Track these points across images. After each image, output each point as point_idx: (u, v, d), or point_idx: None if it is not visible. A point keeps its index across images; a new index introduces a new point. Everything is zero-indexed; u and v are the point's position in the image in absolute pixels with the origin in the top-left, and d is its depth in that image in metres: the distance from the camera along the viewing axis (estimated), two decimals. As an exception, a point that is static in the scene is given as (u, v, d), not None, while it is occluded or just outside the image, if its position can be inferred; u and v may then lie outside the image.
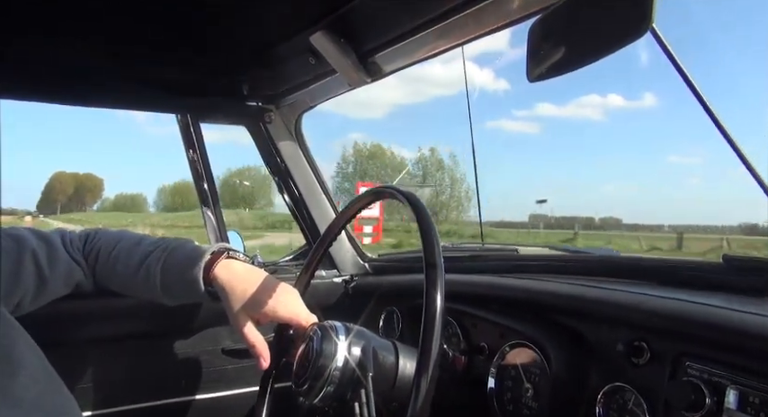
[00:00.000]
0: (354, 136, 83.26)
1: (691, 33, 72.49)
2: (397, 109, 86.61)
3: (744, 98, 71.14)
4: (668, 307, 0.83)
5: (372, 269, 1.61)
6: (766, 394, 0.66)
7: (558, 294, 1.01)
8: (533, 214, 11.38)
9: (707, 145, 61.13)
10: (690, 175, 67.69)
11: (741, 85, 75.42)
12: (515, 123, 68.10)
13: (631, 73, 79.04)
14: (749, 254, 0.95)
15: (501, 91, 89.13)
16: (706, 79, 14.18)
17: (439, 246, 0.77)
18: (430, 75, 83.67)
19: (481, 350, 1.13)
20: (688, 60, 0.68)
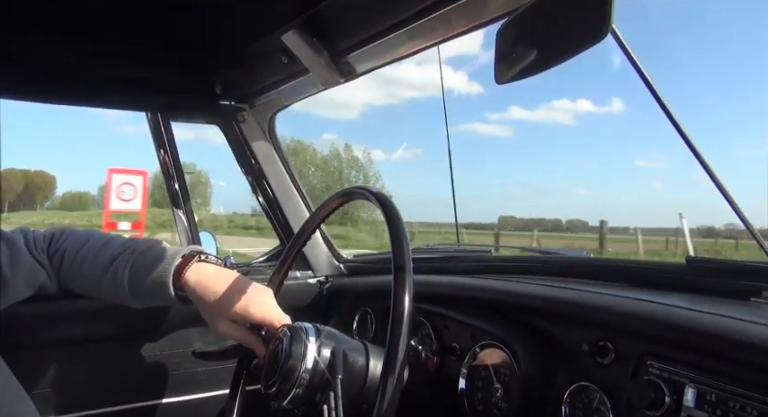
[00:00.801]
0: (328, 136, 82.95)
1: (652, 42, 74.75)
2: (370, 110, 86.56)
3: (702, 105, 73.74)
4: (632, 308, 0.84)
5: (347, 269, 1.60)
6: (722, 392, 0.68)
7: (528, 295, 1.03)
8: (502, 216, 11.53)
9: (669, 150, 63.17)
10: (654, 179, 69.89)
11: (700, 93, 78.04)
12: (489, 126, 68.87)
13: (600, 78, 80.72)
14: (710, 256, 0.97)
15: (474, 94, 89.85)
16: (666, 85, 14.63)
17: (408, 248, 0.77)
18: (404, 76, 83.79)
19: (453, 351, 1.13)
20: (649, 67, 0.69)
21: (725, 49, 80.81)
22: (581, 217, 42.90)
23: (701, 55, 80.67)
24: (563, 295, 0.96)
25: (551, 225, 14.48)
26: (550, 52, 0.68)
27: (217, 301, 0.90)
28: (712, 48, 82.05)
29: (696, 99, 75.44)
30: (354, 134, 79.54)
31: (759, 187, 13.89)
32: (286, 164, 1.51)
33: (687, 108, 26.97)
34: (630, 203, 63.67)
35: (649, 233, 15.37)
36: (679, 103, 10.77)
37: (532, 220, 12.97)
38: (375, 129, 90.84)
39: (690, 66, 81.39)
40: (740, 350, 0.67)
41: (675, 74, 75.84)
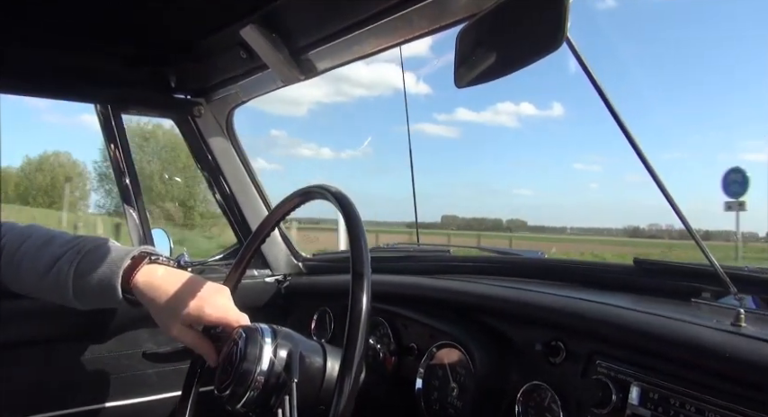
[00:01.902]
0: (276, 133, 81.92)
1: (604, 52, 78.10)
2: (319, 107, 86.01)
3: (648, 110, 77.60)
4: (582, 309, 0.87)
5: (306, 268, 1.58)
6: (664, 391, 0.71)
7: (484, 295, 1.04)
8: (445, 215, 11.72)
9: (605, 154, 66.63)
10: (591, 181, 73.46)
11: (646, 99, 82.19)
12: (436, 127, 69.67)
13: (542, 84, 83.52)
14: (658, 258, 1.02)
15: (423, 95, 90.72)
16: (614, 91, 15.38)
17: (367, 248, 0.77)
18: (353, 75, 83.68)
19: (411, 351, 1.14)
20: (599, 73, 0.71)
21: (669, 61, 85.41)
22: (521, 217, 44.32)
23: (646, 66, 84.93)
24: (517, 295, 0.98)
25: (492, 224, 14.97)
26: (509, 58, 0.69)
27: (169, 304, 0.87)
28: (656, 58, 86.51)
29: (643, 107, 79.31)
30: (303, 131, 78.67)
31: (685, 189, 14.61)
32: (245, 161, 1.48)
33: (631, 113, 29.21)
34: (570, 204, 66.42)
35: (583, 232, 16.04)
36: (624, 108, 11.33)
37: (474, 219, 13.40)
38: (325, 127, 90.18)
39: (636, 76, 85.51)
40: (679, 350, 0.70)
41: (624, 83, 79.37)
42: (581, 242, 9.93)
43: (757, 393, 0.63)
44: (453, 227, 9.22)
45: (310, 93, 76.52)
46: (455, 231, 8.38)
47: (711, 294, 0.88)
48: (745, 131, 71.13)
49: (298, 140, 55.92)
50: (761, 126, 61.71)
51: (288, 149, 50.64)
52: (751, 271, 0.85)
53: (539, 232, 13.60)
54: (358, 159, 54.82)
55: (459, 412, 1.00)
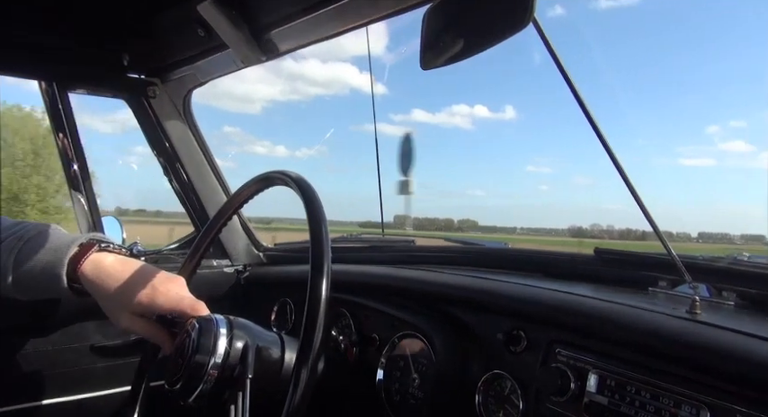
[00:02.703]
0: (229, 129, 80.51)
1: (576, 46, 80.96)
2: (274, 105, 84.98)
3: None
4: (542, 297, 0.87)
5: (267, 258, 1.54)
6: (620, 378, 0.71)
7: (445, 284, 1.03)
8: (397, 215, 11.72)
9: (555, 156, 69.49)
10: (541, 183, 76.47)
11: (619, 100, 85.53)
12: (393, 127, 70.15)
13: (495, 85, 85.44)
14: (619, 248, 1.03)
15: (379, 95, 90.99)
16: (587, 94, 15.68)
17: (327, 236, 0.74)
18: (309, 72, 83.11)
19: (372, 341, 1.12)
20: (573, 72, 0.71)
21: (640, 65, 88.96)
22: (472, 217, 45.55)
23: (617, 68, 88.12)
24: (479, 285, 0.97)
25: (444, 224, 15.12)
26: (475, 39, 0.67)
27: (118, 293, 0.82)
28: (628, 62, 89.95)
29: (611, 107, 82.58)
30: (257, 129, 77.39)
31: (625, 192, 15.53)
32: (203, 146, 1.42)
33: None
34: (521, 205, 68.67)
35: (533, 232, 16.50)
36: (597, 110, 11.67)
37: (426, 219, 13.54)
38: (279, 125, 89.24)
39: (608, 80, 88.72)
40: (636, 337, 0.71)
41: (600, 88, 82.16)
42: (530, 242, 10.24)
43: (710, 378, 0.64)
44: (406, 226, 9.33)
45: (264, 90, 75.20)
46: (415, 231, 8.51)
47: (668, 283, 0.89)
48: (680, 137, 77.50)
49: (251, 138, 54.99)
50: (694, 132, 68.31)
51: (242, 147, 49.79)
52: (706, 260, 0.87)
53: (490, 232, 13.96)
54: (313, 158, 54.56)
55: (420, 403, 0.99)
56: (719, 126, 76.78)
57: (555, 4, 74.52)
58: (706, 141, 74.39)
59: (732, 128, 73.75)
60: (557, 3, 78.73)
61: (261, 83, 77.85)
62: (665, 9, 79.72)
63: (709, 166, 73.36)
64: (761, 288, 0.79)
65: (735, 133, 73.11)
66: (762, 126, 69.81)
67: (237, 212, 1.51)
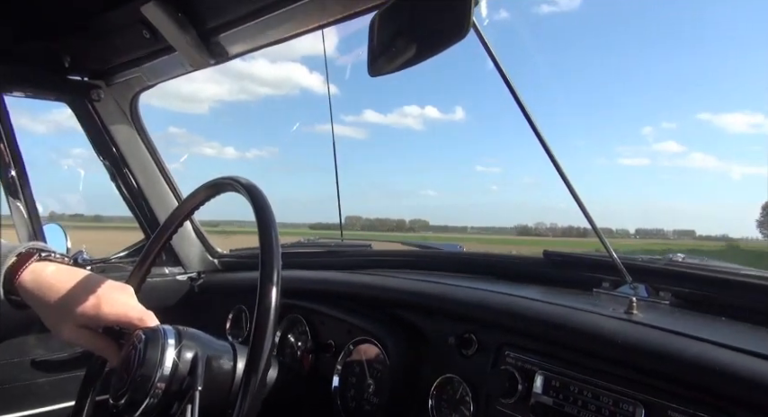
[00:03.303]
0: (175, 130, 78.73)
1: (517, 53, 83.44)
2: (222, 105, 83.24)
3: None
4: (492, 301, 0.88)
5: (222, 265, 1.51)
6: (565, 378, 0.74)
7: (399, 289, 1.04)
8: (349, 216, 11.65)
9: (504, 157, 71.92)
10: (491, 182, 78.78)
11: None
12: (345, 128, 68.83)
13: (445, 86, 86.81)
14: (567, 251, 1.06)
15: (330, 95, 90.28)
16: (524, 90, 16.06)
17: (277, 241, 0.74)
18: (258, 72, 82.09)
19: (328, 348, 1.11)
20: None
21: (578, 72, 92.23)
22: (424, 217, 45.94)
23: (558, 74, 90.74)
24: (432, 289, 0.98)
25: (395, 224, 15.30)
26: (418, 48, 0.68)
27: (61, 304, 0.78)
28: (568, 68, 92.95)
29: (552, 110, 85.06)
30: (205, 129, 75.60)
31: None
32: (152, 150, 1.37)
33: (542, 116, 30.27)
34: (472, 205, 70.52)
35: (483, 231, 16.91)
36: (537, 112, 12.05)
37: (378, 220, 13.68)
38: (228, 126, 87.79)
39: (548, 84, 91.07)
40: (577, 338, 0.73)
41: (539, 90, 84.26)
42: (480, 241, 10.48)
43: (644, 376, 0.66)
44: (357, 228, 9.26)
45: (212, 89, 73.43)
46: (356, 232, 8.45)
47: (610, 283, 0.92)
48: (619, 138, 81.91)
49: (199, 139, 53.67)
50: (631, 133, 72.78)
51: (188, 148, 48.34)
52: (644, 261, 0.91)
53: (442, 231, 14.20)
54: (264, 159, 53.21)
55: (375, 409, 0.99)
56: (653, 127, 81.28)
57: (499, 8, 77.00)
58: (641, 141, 78.80)
59: (664, 129, 78.42)
60: (501, 7, 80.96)
61: (208, 82, 75.71)
62: (605, 14, 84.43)
63: (644, 165, 78.20)
64: (694, 288, 0.83)
65: (667, 134, 77.93)
66: (691, 127, 75.35)
67: (190, 218, 1.49)
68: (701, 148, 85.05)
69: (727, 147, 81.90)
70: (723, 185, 73.06)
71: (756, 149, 77.84)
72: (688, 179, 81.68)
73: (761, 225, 33.53)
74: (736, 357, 0.61)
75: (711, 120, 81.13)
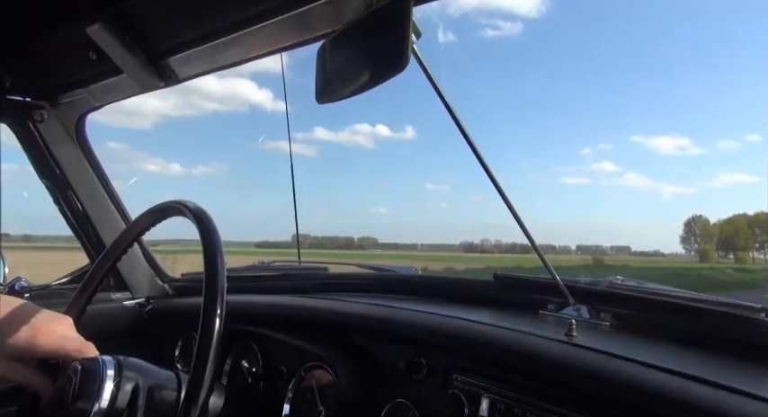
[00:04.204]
0: (115, 145, 76.54)
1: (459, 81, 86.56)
2: (166, 120, 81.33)
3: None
4: (441, 325, 0.89)
5: (173, 290, 1.47)
6: (509, 401, 0.75)
7: (352, 314, 1.03)
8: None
9: (452, 175, 74.26)
10: (441, 200, 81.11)
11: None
12: (295, 145, 68.41)
13: (395, 106, 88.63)
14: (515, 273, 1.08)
15: (280, 112, 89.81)
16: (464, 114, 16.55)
17: (223, 267, 0.73)
18: (205, 87, 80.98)
19: (280, 374, 1.09)
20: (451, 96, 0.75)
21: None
22: (373, 235, 46.16)
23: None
24: (383, 313, 0.98)
25: (344, 242, 15.21)
26: (364, 75, 0.69)
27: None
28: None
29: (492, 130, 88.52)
30: (148, 145, 73.37)
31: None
32: (99, 173, 1.33)
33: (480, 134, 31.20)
34: (421, 222, 72.11)
35: (433, 249, 17.21)
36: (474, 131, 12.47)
37: (326, 238, 13.50)
38: (173, 142, 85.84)
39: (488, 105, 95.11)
40: (520, 361, 0.75)
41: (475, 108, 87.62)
42: (430, 258, 10.48)
43: (585, 398, 0.68)
44: (305, 246, 9.09)
45: (156, 104, 71.13)
46: (306, 250, 8.24)
47: (555, 305, 0.95)
48: (561, 158, 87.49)
49: (142, 154, 51.91)
50: (571, 154, 78.09)
51: (130, 164, 45.92)
52: (586, 284, 0.93)
53: (391, 249, 14.24)
54: (211, 175, 52.16)
55: (325, 437, 0.97)
56: (591, 148, 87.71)
57: (446, 32, 79.94)
58: (581, 162, 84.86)
59: (602, 150, 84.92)
60: (448, 31, 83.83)
61: (153, 97, 73.49)
62: (546, 41, 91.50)
63: (584, 184, 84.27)
64: (632, 310, 0.86)
65: (604, 155, 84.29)
66: (626, 148, 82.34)
67: (139, 242, 1.45)
68: (635, 169, 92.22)
69: (657, 168, 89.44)
70: (655, 203, 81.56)
71: (682, 170, 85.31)
72: (624, 197, 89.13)
73: (683, 240, 35.65)
74: (666, 378, 0.63)
75: (644, 142, 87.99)
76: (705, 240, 33.70)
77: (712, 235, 33.36)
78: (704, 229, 33.60)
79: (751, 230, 32.94)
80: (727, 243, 32.38)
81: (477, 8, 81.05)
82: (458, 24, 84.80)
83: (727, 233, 32.76)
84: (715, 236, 33.17)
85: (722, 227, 33.11)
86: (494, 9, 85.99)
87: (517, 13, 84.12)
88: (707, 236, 33.72)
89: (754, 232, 33.24)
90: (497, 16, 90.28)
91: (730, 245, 31.96)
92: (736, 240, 32.03)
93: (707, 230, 33.64)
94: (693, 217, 34.42)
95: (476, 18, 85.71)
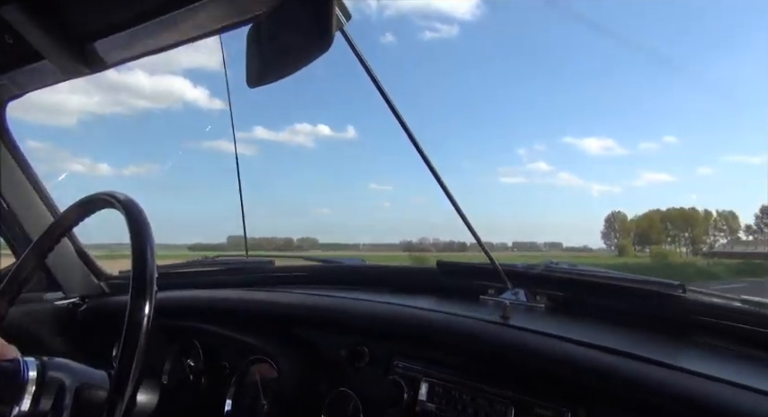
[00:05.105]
0: (36, 145, 72.52)
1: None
2: (93, 118, 77.03)
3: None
4: (382, 312, 0.89)
5: (111, 288, 1.40)
6: (447, 383, 0.76)
7: (292, 305, 1.02)
8: (232, 236, 11.26)
9: (396, 175, 75.18)
10: (384, 200, 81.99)
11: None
12: (233, 144, 65.54)
13: (337, 106, 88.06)
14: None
15: (217, 110, 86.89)
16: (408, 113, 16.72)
17: (153, 261, 0.71)
18: (134, 84, 76.88)
19: (222, 370, 1.07)
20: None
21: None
22: (314, 235, 46.26)
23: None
24: (325, 303, 0.98)
25: (282, 243, 15.18)
26: (292, 57, 0.68)
27: None
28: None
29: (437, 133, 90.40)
30: (73, 144, 69.55)
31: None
32: (24, 165, 1.25)
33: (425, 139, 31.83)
34: (364, 222, 72.71)
35: (375, 249, 17.50)
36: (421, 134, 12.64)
37: (264, 239, 13.33)
38: (102, 140, 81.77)
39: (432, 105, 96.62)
40: (456, 344, 0.76)
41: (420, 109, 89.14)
42: (372, 258, 10.66)
43: (517, 377, 0.70)
44: (241, 248, 8.92)
45: (80, 100, 66.63)
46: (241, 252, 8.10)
47: (495, 290, 0.97)
48: (500, 158, 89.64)
49: (65, 154, 49.20)
50: (509, 154, 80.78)
51: (51, 164, 42.92)
52: (523, 268, 0.96)
53: (333, 249, 14.20)
54: (143, 176, 50.22)
55: (268, 430, 0.95)
56: (527, 148, 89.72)
57: (386, 33, 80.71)
58: (518, 162, 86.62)
59: (536, 151, 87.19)
60: (388, 31, 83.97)
61: (75, 92, 67.50)
62: (485, 46, 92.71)
63: (521, 183, 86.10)
64: (565, 291, 0.89)
65: (539, 155, 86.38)
66: (558, 149, 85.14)
67: (71, 238, 1.37)
68: (566, 168, 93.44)
69: (587, 168, 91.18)
70: (585, 201, 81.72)
71: (609, 169, 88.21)
72: (556, 195, 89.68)
73: (604, 236, 37.80)
74: (593, 353, 0.65)
75: (575, 144, 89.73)
76: (623, 235, 35.74)
77: (629, 231, 35.42)
78: (622, 225, 35.62)
79: (663, 225, 35.20)
80: (643, 238, 34.53)
81: (414, 11, 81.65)
82: (397, 25, 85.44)
83: (643, 228, 34.85)
84: (632, 231, 35.23)
85: (638, 223, 35.23)
86: (432, 11, 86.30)
87: (454, 16, 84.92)
88: (625, 231, 35.80)
89: (666, 226, 35.52)
90: (435, 19, 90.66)
91: (646, 240, 34.06)
92: (650, 234, 34.17)
93: (625, 225, 35.69)
94: (613, 214, 36.43)
95: (414, 20, 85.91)
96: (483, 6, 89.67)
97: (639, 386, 0.59)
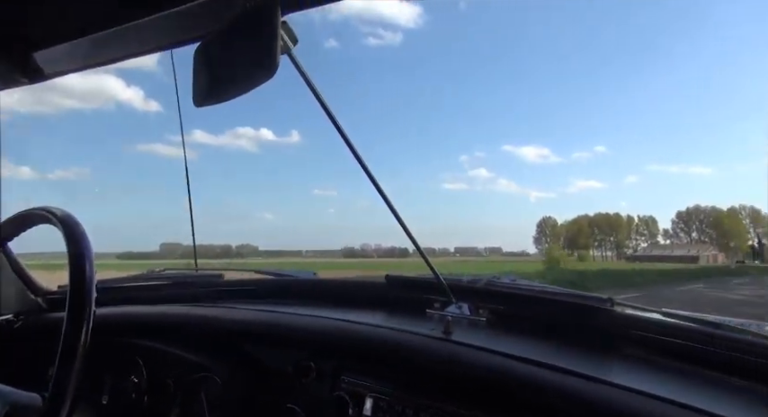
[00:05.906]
0: None
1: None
2: (11, 117, 73.07)
3: None
4: (329, 327, 0.90)
5: (48, 304, 1.34)
6: (390, 398, 0.77)
7: (242, 321, 1.01)
8: (165, 243, 10.99)
9: (340, 181, 75.98)
10: (329, 206, 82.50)
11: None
12: (170, 148, 62.51)
13: (280, 111, 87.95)
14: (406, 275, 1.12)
15: (153, 113, 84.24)
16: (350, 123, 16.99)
17: (92, 278, 0.69)
18: (60, 82, 73.77)
19: (167, 388, 1.04)
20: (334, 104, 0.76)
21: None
22: (252, 242, 45.50)
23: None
24: (273, 319, 0.98)
25: (221, 250, 14.80)
26: (239, 78, 0.69)
27: None
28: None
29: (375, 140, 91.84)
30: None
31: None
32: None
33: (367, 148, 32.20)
34: (308, 228, 72.77)
35: (319, 255, 17.55)
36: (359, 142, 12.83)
37: (201, 246, 12.94)
38: (23, 142, 78.24)
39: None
40: (398, 359, 0.78)
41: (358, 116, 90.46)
42: (317, 265, 10.51)
43: (457, 390, 0.72)
44: (176, 256, 8.53)
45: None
46: (175, 261, 7.65)
47: (440, 304, 0.99)
48: (442, 165, 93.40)
49: None
50: (451, 161, 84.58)
51: None
52: (468, 282, 0.99)
53: (275, 256, 13.92)
54: (71, 181, 47.58)
55: (213, 450, 0.94)
56: (468, 156, 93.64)
57: (329, 38, 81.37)
58: (459, 168, 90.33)
59: (477, 158, 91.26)
60: (331, 37, 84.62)
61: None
62: (425, 54, 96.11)
63: (462, 190, 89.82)
64: (505, 305, 0.92)
65: (479, 162, 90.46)
66: (498, 157, 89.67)
67: (5, 253, 1.31)
68: (506, 175, 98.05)
69: (524, 174, 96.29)
70: (523, 207, 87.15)
71: (545, 176, 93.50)
72: (497, 201, 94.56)
73: (535, 240, 39.41)
74: (525, 368, 0.69)
75: (513, 151, 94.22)
76: (554, 240, 37.25)
77: (560, 235, 36.94)
78: (553, 229, 37.07)
79: (591, 229, 36.86)
80: (572, 242, 36.07)
81: (358, 17, 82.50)
82: (341, 32, 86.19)
83: (572, 232, 36.38)
84: (562, 236, 36.73)
85: (568, 228, 36.75)
86: (375, 18, 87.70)
87: (398, 23, 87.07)
88: (555, 236, 37.30)
89: (594, 231, 37.23)
90: (378, 25, 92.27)
91: (574, 244, 35.60)
92: (579, 239, 35.73)
93: (555, 230, 37.16)
94: (544, 219, 38.02)
95: (358, 26, 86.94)
96: (425, 15, 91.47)
97: (573, 400, 0.63)
